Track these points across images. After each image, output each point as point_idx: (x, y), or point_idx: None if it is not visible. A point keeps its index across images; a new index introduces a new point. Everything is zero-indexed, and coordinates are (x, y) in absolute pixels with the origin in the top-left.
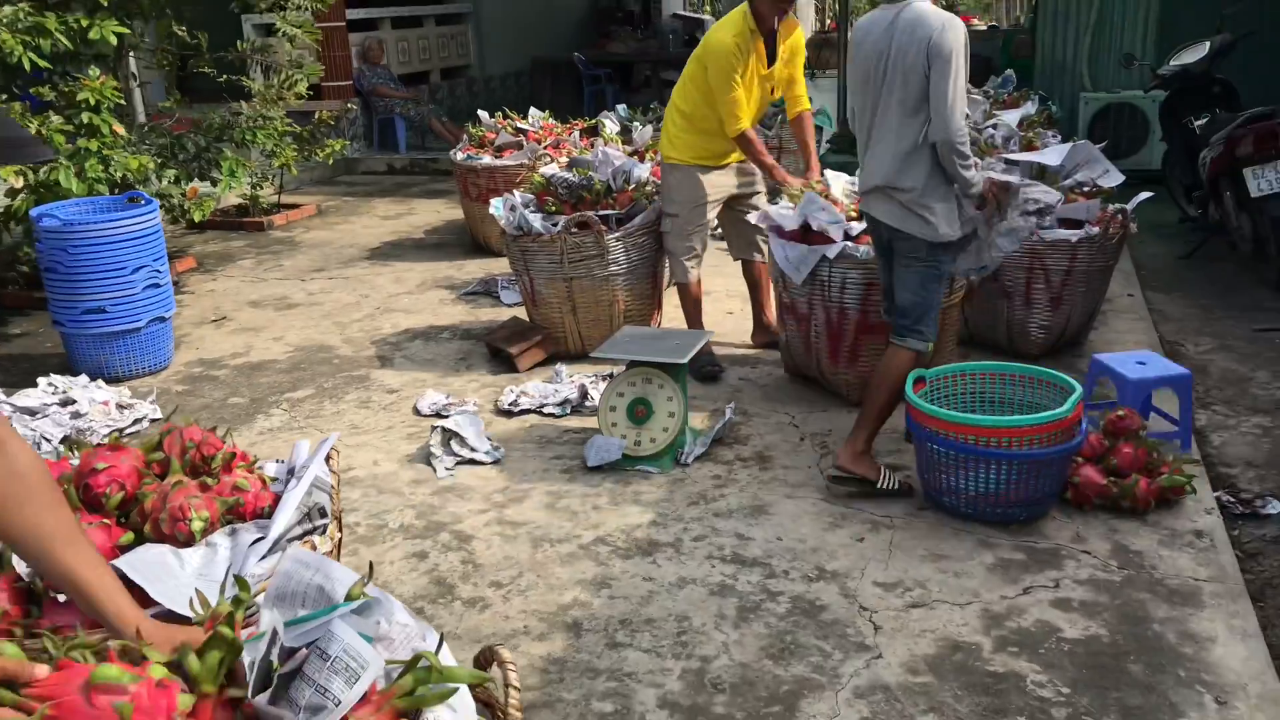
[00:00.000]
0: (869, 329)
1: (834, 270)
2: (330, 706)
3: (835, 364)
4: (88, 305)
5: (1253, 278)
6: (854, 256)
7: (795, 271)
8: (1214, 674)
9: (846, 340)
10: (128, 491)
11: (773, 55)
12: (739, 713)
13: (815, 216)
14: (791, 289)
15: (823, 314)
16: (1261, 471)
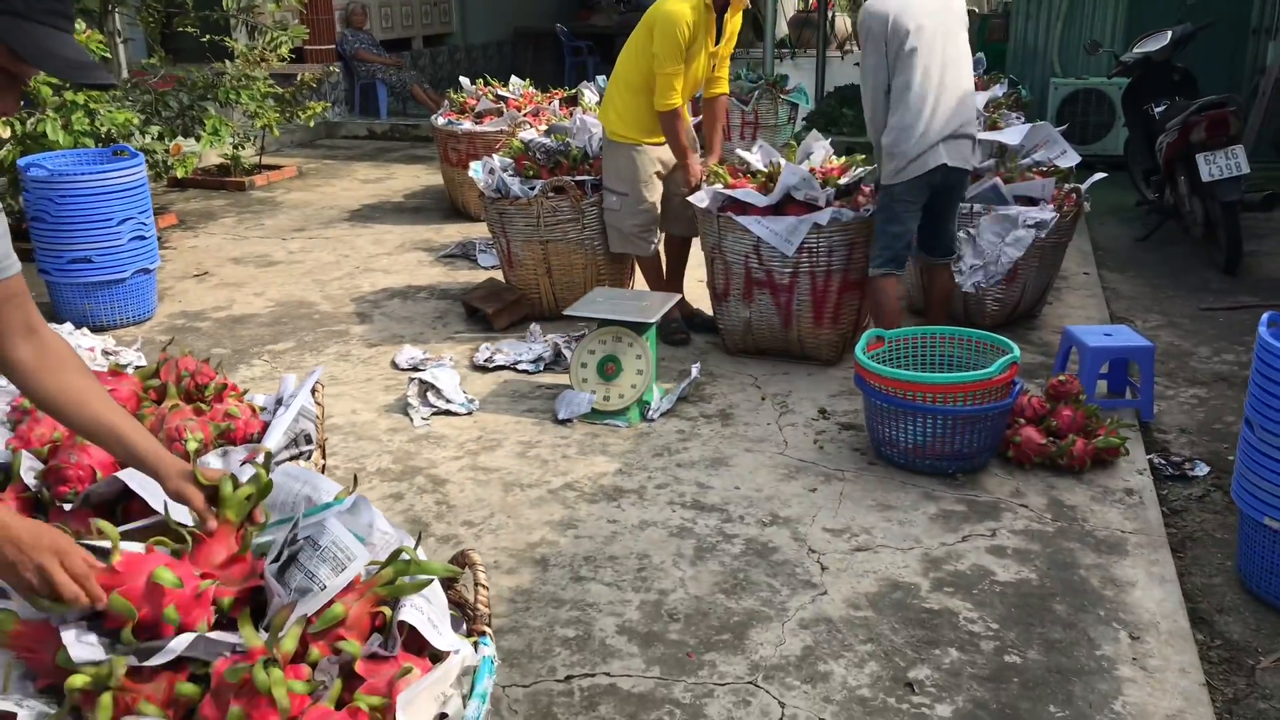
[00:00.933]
0: (849, 286)
1: (821, 237)
2: (316, 589)
3: (819, 326)
4: (74, 255)
5: (1203, 260)
6: (840, 220)
7: (786, 244)
8: (1131, 613)
9: (830, 302)
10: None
11: (720, 32)
12: (691, 639)
13: (799, 188)
14: (768, 263)
15: (808, 281)
16: (1193, 438)
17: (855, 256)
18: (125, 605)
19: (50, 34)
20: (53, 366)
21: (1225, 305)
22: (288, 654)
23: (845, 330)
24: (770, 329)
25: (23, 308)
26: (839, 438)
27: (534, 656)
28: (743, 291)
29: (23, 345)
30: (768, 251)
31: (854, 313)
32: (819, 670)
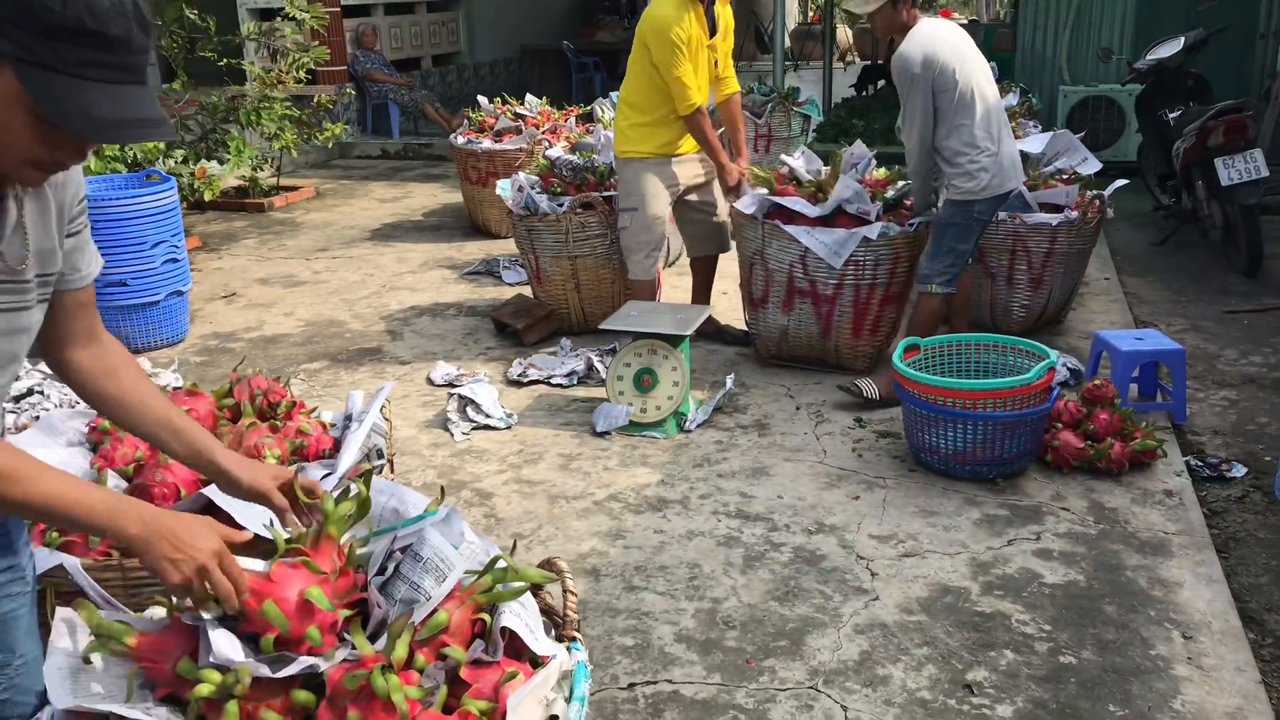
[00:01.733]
0: (890, 299)
1: (868, 250)
2: (421, 600)
3: (858, 338)
4: (109, 279)
5: (1222, 263)
6: (887, 235)
7: (835, 256)
8: (1181, 613)
9: (871, 314)
10: None
11: (713, 25)
12: (749, 645)
13: (851, 201)
14: (813, 273)
15: (851, 293)
16: (1228, 439)
17: (899, 270)
18: (279, 616)
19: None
20: (111, 369)
21: (1249, 308)
22: (400, 661)
23: (881, 342)
24: (808, 338)
25: (89, 316)
26: (877, 445)
27: (596, 665)
28: (783, 300)
29: (83, 350)
30: (814, 262)
31: (892, 325)
32: (878, 674)
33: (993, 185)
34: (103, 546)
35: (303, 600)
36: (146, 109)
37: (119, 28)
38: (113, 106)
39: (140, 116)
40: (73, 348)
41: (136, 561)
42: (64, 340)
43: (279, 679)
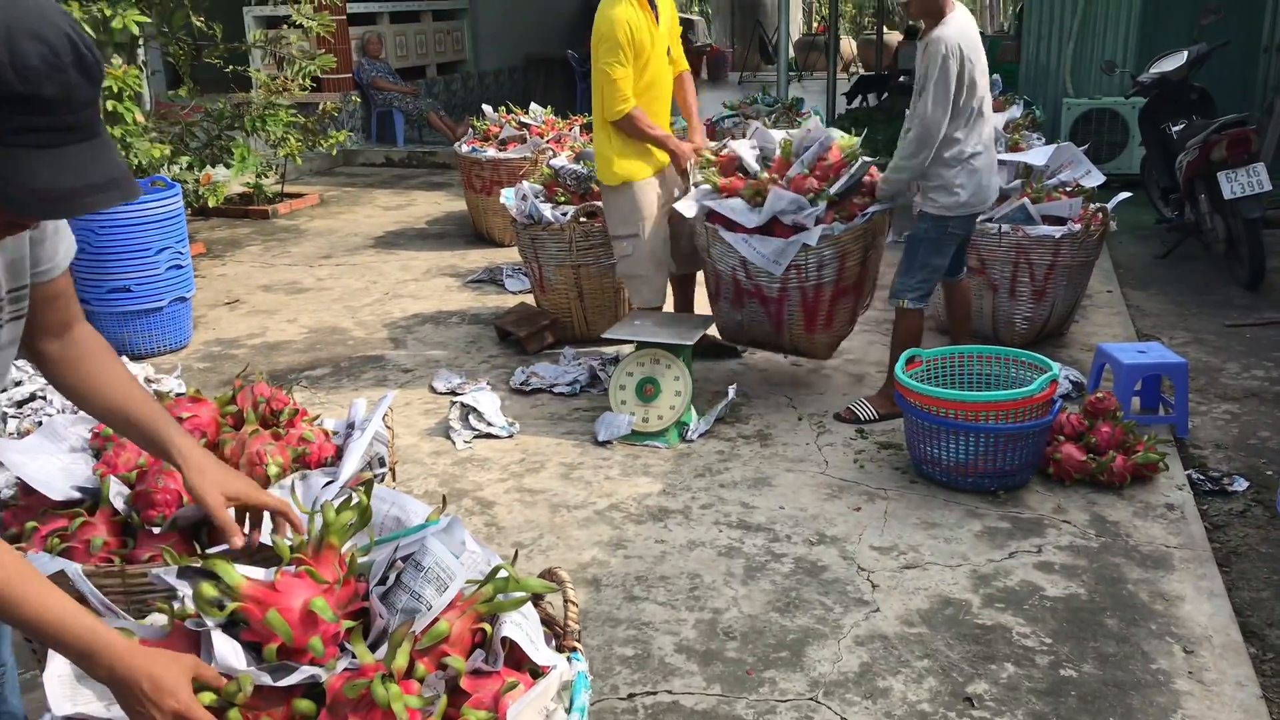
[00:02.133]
0: (842, 293)
1: (810, 254)
2: (423, 609)
3: (812, 333)
4: (113, 284)
5: (1225, 276)
6: (830, 236)
7: (774, 265)
8: (1183, 627)
9: (822, 312)
10: (209, 439)
11: (655, 13)
12: (750, 657)
13: (786, 213)
14: (756, 278)
15: (798, 295)
16: (1229, 453)
17: (849, 265)
18: (283, 626)
19: (19, 158)
20: (77, 357)
21: (1251, 321)
22: (401, 670)
23: (840, 332)
24: (763, 331)
25: (63, 309)
26: (878, 456)
27: (596, 675)
28: (733, 298)
29: (53, 342)
30: (754, 267)
31: (848, 314)
32: (878, 686)
33: (970, 203)
34: (104, 553)
35: (306, 611)
36: (96, 170)
37: (54, 86)
38: (56, 174)
39: (87, 183)
40: (46, 336)
41: (137, 568)
42: (38, 330)
43: (280, 688)
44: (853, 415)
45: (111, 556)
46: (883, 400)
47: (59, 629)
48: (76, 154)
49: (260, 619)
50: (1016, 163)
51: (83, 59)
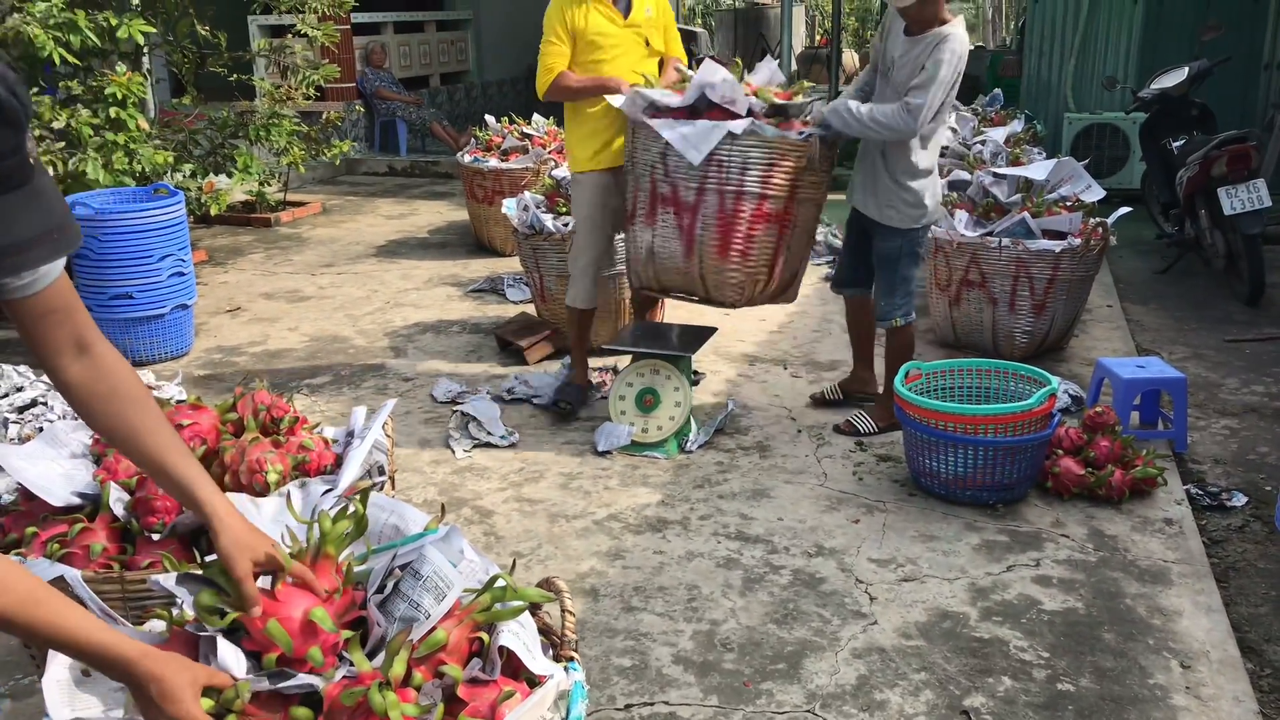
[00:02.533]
0: (763, 217)
1: (735, 149)
2: (421, 618)
3: (724, 259)
4: (116, 291)
5: (1225, 292)
6: (759, 134)
7: (694, 150)
8: (1180, 642)
9: (739, 230)
10: (209, 446)
11: (627, 7)
12: (747, 669)
13: (716, 87)
14: (674, 174)
15: (715, 200)
16: (1228, 468)
17: (775, 181)
18: (283, 636)
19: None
20: (105, 393)
21: (1251, 337)
22: (398, 678)
23: (756, 271)
24: (672, 258)
25: (68, 324)
26: (877, 469)
27: (593, 685)
28: (648, 210)
29: (73, 365)
30: (675, 161)
31: (768, 252)
32: (875, 699)
33: (935, 213)
34: (103, 559)
35: (307, 620)
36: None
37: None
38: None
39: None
40: (62, 359)
41: (136, 574)
42: (49, 351)
43: (278, 695)
44: (852, 428)
45: (111, 562)
46: (882, 413)
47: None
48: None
49: (260, 628)
50: (1017, 177)
51: (1, 105)
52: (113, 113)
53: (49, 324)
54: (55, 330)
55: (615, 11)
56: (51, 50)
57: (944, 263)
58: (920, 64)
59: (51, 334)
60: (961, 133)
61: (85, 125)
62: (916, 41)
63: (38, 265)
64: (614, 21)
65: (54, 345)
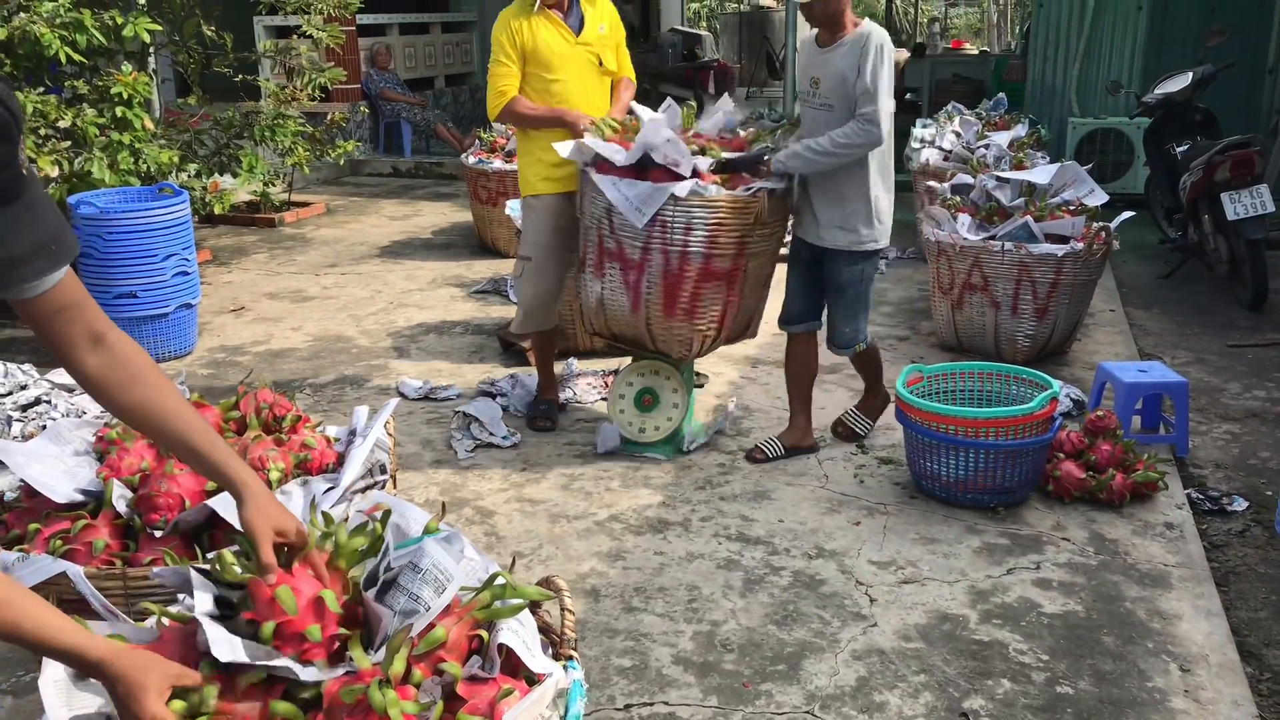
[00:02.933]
0: (710, 275)
1: (679, 210)
2: (421, 610)
3: (670, 318)
4: (120, 290)
5: (1228, 297)
6: (702, 194)
7: (637, 213)
8: (1179, 646)
9: (685, 291)
10: None
11: (579, 24)
12: (747, 670)
13: (659, 148)
14: (619, 232)
15: (660, 260)
16: (1229, 473)
17: (721, 240)
18: (291, 601)
19: None
20: (125, 381)
21: (1253, 342)
22: (398, 675)
23: (704, 329)
24: (621, 311)
25: (81, 319)
26: (879, 472)
27: (593, 685)
28: (596, 262)
29: (90, 357)
30: (620, 219)
31: (715, 309)
32: (874, 700)
33: (888, 229)
34: (106, 555)
35: (315, 598)
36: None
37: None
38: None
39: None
40: (79, 353)
41: (138, 570)
42: (66, 346)
43: (255, 687)
44: (849, 430)
45: (113, 559)
46: (872, 407)
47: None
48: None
49: (269, 596)
50: (1020, 181)
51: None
52: (118, 112)
53: (62, 320)
54: (69, 326)
55: (567, 29)
56: (58, 49)
57: (946, 266)
58: (843, 74)
59: (65, 330)
60: (965, 136)
61: (91, 124)
62: (833, 50)
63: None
64: (566, 39)
65: (70, 340)
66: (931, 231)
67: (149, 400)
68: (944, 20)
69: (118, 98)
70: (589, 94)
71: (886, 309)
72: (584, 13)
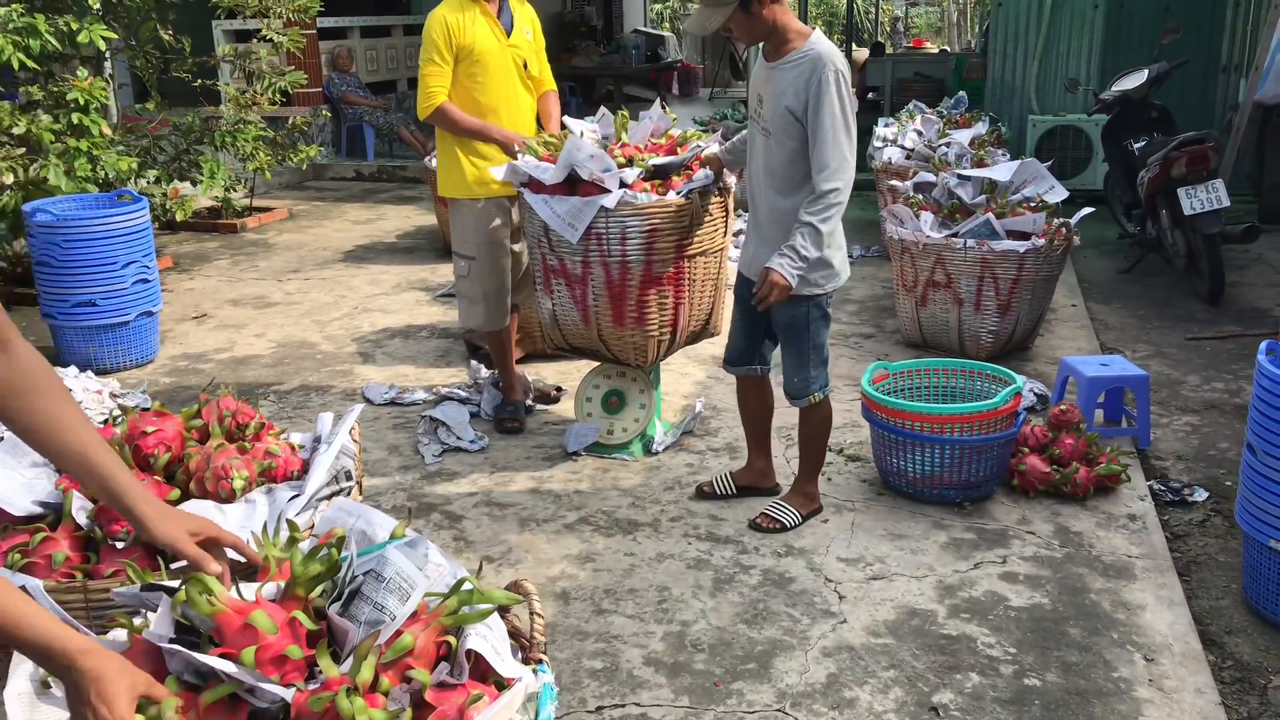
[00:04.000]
0: (653, 282)
1: (612, 221)
2: (386, 620)
3: (620, 327)
4: (79, 299)
5: (1186, 291)
6: (633, 203)
7: (570, 228)
8: (1144, 636)
9: (630, 299)
10: (174, 453)
11: (509, 25)
12: (718, 669)
13: (584, 165)
14: (559, 249)
15: (602, 273)
16: (1190, 464)
17: (659, 246)
18: (267, 622)
19: None
20: (25, 389)
21: (1211, 335)
22: (366, 683)
23: (656, 334)
24: (574, 324)
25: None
26: (846, 469)
27: (564, 688)
28: (543, 280)
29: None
30: (557, 236)
31: (666, 314)
32: (845, 697)
33: (844, 274)
34: (66, 568)
35: (290, 617)
36: None
37: None
38: None
39: None
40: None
41: (100, 584)
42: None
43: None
44: (774, 522)
45: (74, 572)
46: (803, 500)
47: (15, 627)
48: None
49: (242, 624)
50: (981, 178)
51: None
52: (74, 118)
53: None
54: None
55: (500, 27)
56: (11, 55)
57: (910, 264)
58: (783, 101)
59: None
60: (927, 135)
61: (46, 131)
62: (778, 68)
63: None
64: (498, 39)
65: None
66: (895, 229)
67: (49, 411)
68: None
69: (74, 103)
70: (514, 98)
71: (851, 307)
72: (513, 13)
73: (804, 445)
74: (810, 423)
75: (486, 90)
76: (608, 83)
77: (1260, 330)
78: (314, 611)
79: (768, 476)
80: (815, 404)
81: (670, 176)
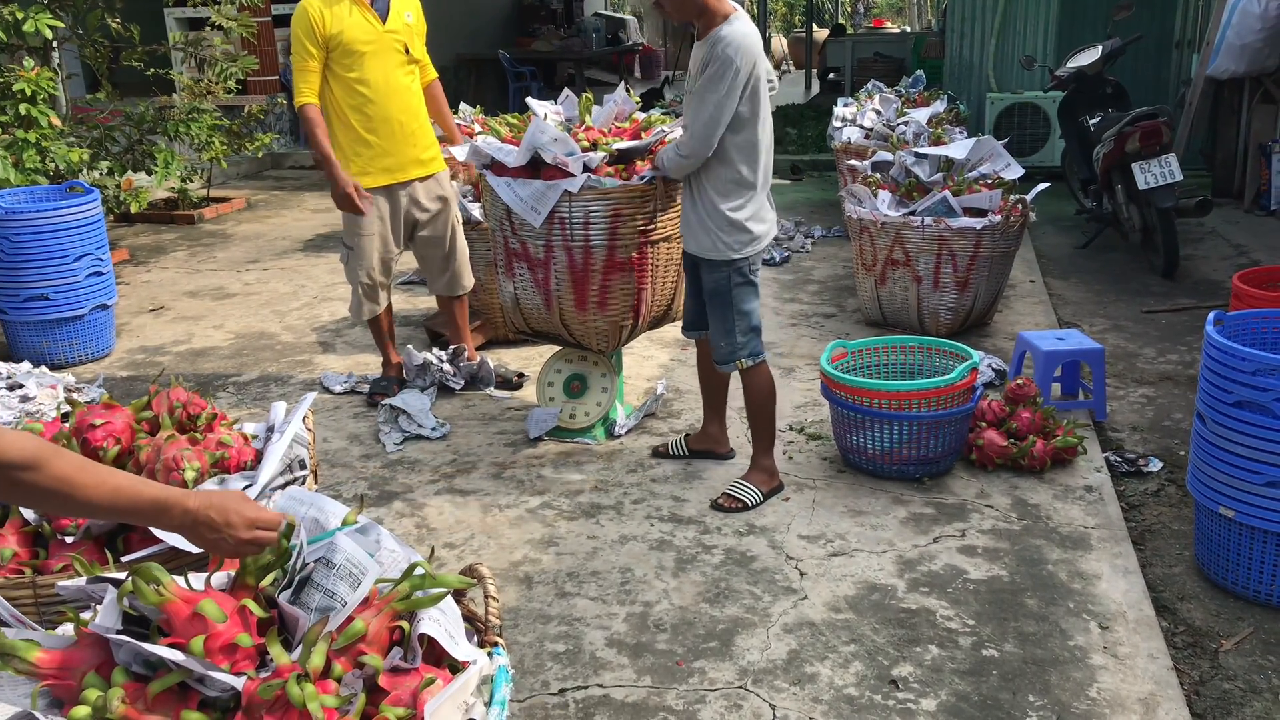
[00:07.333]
0: (617, 267)
1: (575, 205)
2: (337, 606)
3: (583, 311)
4: (30, 293)
5: (1142, 265)
6: (596, 188)
7: (533, 212)
8: (1099, 604)
9: (593, 284)
10: (123, 445)
11: (385, 11)
12: (680, 648)
13: (547, 148)
14: (521, 233)
15: (564, 257)
16: (1145, 435)
17: (622, 231)
18: (216, 610)
19: None
20: None
21: (1166, 308)
22: (316, 670)
23: (619, 318)
24: (536, 309)
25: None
26: (807, 448)
27: (526, 671)
28: (505, 264)
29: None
30: (519, 219)
31: (628, 299)
32: (806, 672)
33: (763, 236)
34: (14, 564)
35: (239, 605)
36: None
37: None
38: None
39: None
40: None
41: (49, 579)
42: None
43: (169, 694)
44: (735, 502)
45: (22, 568)
46: (762, 476)
47: (132, 498)
48: None
49: (188, 614)
50: (938, 156)
51: None
52: (22, 109)
53: None
54: None
55: (374, 14)
56: None
57: (869, 243)
58: (696, 77)
59: None
60: (885, 114)
61: None
62: (701, 47)
63: None
64: (373, 25)
65: None
66: (853, 209)
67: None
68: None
69: (20, 94)
70: (397, 86)
71: (813, 287)
72: (389, 2)
73: (751, 418)
74: (750, 393)
75: (366, 80)
76: (569, 67)
77: (1213, 302)
78: (265, 599)
79: (721, 442)
80: (746, 371)
81: (634, 161)
